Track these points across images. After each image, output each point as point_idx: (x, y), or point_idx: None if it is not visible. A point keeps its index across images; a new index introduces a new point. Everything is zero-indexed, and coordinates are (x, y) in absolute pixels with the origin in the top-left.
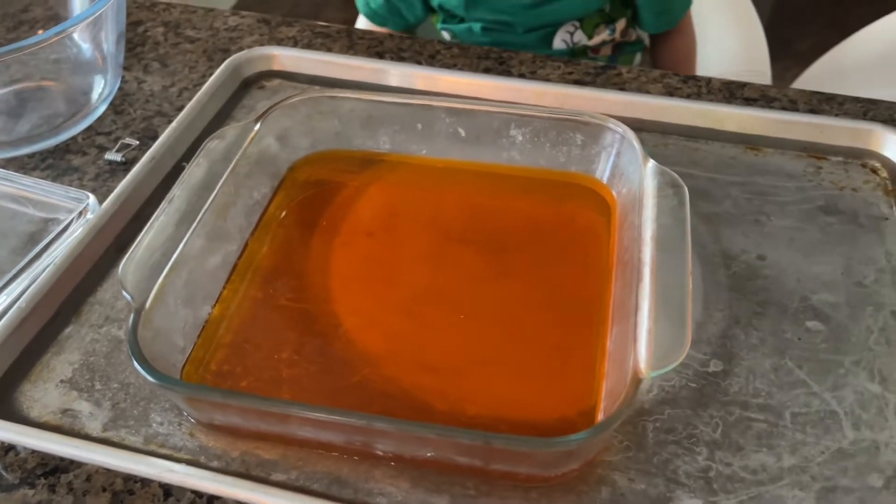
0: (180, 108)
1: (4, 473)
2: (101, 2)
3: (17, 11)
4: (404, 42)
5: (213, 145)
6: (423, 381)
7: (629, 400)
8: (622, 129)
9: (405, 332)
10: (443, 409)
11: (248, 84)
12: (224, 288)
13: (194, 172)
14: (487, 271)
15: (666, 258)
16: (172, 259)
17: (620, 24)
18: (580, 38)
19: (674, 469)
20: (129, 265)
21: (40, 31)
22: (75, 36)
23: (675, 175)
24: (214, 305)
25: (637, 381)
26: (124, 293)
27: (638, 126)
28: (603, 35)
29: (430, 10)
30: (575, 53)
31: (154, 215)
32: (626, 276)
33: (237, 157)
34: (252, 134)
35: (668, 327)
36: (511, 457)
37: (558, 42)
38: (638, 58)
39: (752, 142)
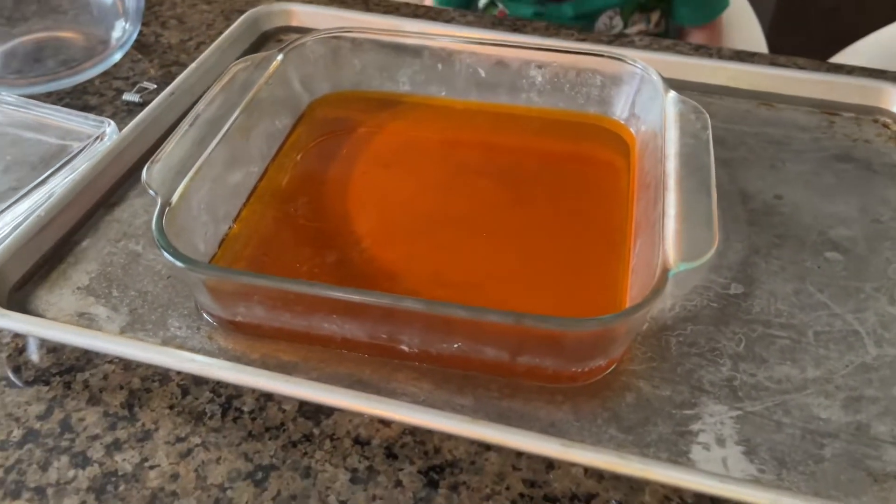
0: (195, 59)
1: (19, 371)
2: None
3: None
4: (420, 9)
5: (238, 69)
6: (442, 296)
7: (659, 288)
8: (641, 65)
9: (423, 251)
10: None
11: (266, 38)
12: (243, 208)
13: (218, 94)
14: (505, 199)
15: (689, 174)
16: (196, 165)
17: (655, 15)
18: (618, 23)
19: (698, 378)
20: (154, 166)
21: None
22: None
23: (695, 103)
24: (234, 221)
25: (665, 271)
26: (149, 190)
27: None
28: (639, 25)
29: None
30: (618, 36)
31: (178, 127)
32: (648, 197)
33: (260, 81)
34: (275, 63)
35: (695, 229)
36: (539, 343)
37: (599, 26)
38: None
39: (764, 98)
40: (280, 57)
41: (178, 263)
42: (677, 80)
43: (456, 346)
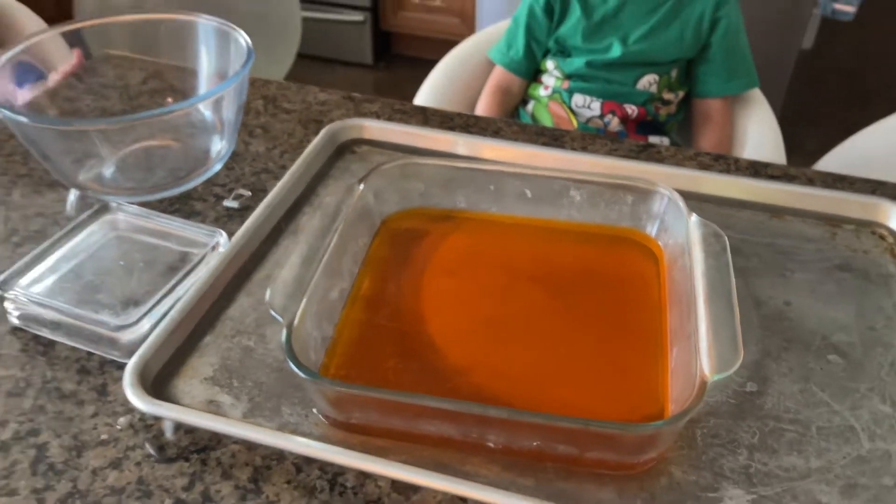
0: (283, 167)
1: (164, 449)
2: (226, 82)
3: (137, 83)
4: (471, 119)
5: (327, 200)
6: (505, 389)
7: (699, 398)
8: (668, 191)
9: (486, 349)
10: None
11: (342, 149)
12: (341, 314)
13: (313, 222)
14: (553, 304)
15: (715, 294)
16: (307, 294)
17: (681, 93)
18: (654, 89)
19: (720, 465)
20: (275, 294)
21: (169, 100)
22: (200, 106)
23: (716, 226)
24: (334, 328)
25: (704, 383)
26: (273, 314)
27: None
28: (670, 95)
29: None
30: (651, 99)
31: (289, 257)
32: (679, 309)
33: (348, 209)
34: (358, 191)
35: (722, 343)
36: (605, 441)
37: (642, 83)
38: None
39: (776, 211)
40: (361, 187)
41: (308, 378)
42: (699, 194)
43: (535, 443)
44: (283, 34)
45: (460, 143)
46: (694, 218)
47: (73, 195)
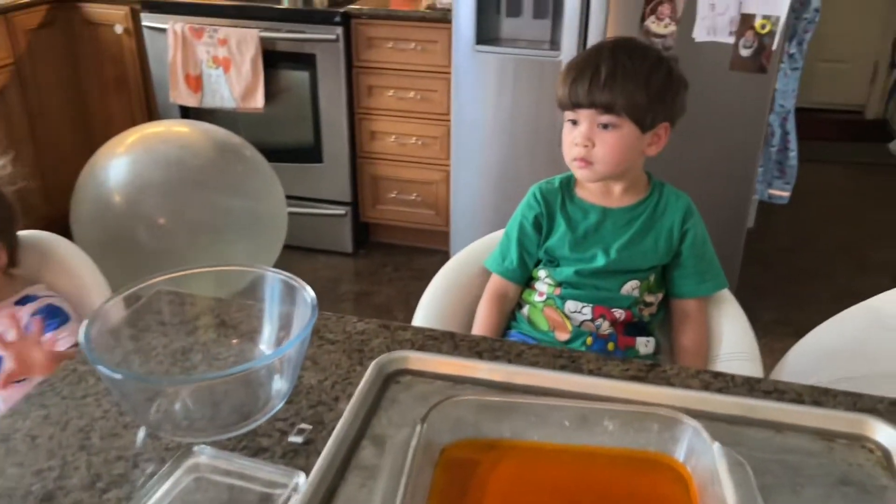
0: (335, 398)
1: None
2: (293, 340)
3: (191, 318)
4: (496, 343)
5: (390, 436)
6: None
7: None
8: (692, 422)
9: None
10: None
11: (387, 380)
12: None
13: (385, 461)
14: None
15: None
16: None
17: (660, 294)
18: (637, 294)
19: None
20: None
21: (234, 341)
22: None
23: (738, 456)
24: None
25: None
26: None
27: (690, 414)
28: (651, 298)
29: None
30: (636, 303)
31: (370, 497)
32: None
33: (412, 446)
34: (418, 429)
35: None
36: None
37: (625, 289)
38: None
39: (778, 427)
40: (424, 426)
41: None
42: (710, 413)
43: None
44: (272, 228)
45: (495, 371)
46: (717, 446)
47: (142, 432)
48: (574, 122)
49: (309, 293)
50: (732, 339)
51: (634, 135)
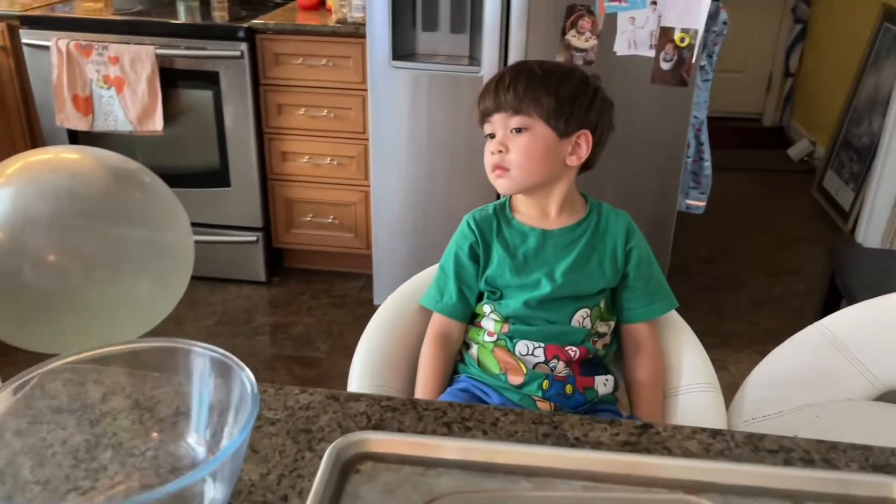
0: (283, 497)
1: None
2: (234, 441)
3: (95, 402)
4: (465, 411)
5: None
6: None
7: None
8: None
9: None
10: None
11: (346, 469)
12: None
13: None
14: None
15: None
16: None
17: (612, 322)
18: (588, 323)
19: None
20: None
21: (154, 435)
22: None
23: None
24: None
25: None
26: None
27: (696, 487)
28: (603, 327)
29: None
30: (588, 336)
31: None
32: None
33: None
34: None
35: None
36: None
37: (576, 319)
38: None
39: (796, 498)
40: None
41: None
42: (716, 485)
43: None
44: (178, 259)
45: (471, 450)
46: None
47: None
48: (492, 136)
49: (248, 378)
50: (689, 368)
51: (549, 138)
